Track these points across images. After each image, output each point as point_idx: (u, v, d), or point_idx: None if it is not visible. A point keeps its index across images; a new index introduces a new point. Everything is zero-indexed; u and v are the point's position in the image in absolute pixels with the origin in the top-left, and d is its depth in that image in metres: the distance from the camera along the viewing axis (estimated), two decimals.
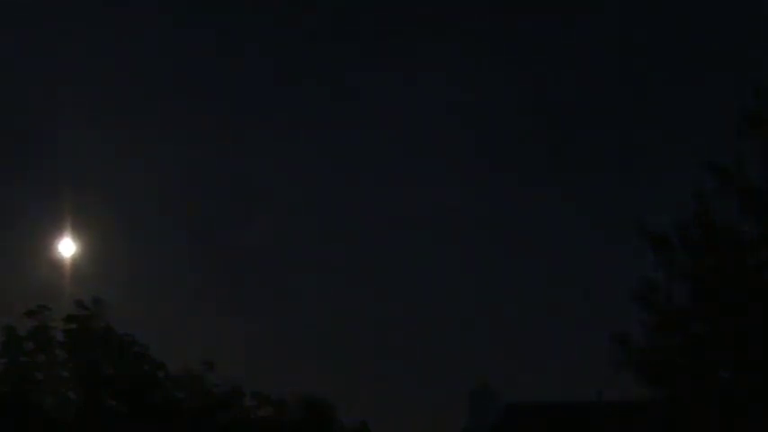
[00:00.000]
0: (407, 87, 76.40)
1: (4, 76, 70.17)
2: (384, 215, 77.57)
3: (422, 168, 79.62)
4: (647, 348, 27.21)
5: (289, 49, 78.59)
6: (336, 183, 78.99)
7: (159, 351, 47.03)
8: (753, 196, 26.00)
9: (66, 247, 44.02)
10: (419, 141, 79.15)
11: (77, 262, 44.76)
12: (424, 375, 63.49)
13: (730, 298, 25.95)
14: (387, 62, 74.79)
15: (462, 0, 76.26)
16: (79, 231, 45.39)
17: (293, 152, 78.79)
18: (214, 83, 79.67)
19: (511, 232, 77.01)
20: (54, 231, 46.28)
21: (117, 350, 45.48)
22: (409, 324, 70.24)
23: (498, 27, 77.91)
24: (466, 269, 74.28)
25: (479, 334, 69.54)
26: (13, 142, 69.59)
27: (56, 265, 44.90)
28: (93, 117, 68.86)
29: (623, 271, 52.09)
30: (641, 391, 28.08)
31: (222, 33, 76.74)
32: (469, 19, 76.11)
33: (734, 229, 26.41)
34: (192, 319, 63.73)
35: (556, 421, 46.93)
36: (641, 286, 27.31)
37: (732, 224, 26.46)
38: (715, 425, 26.16)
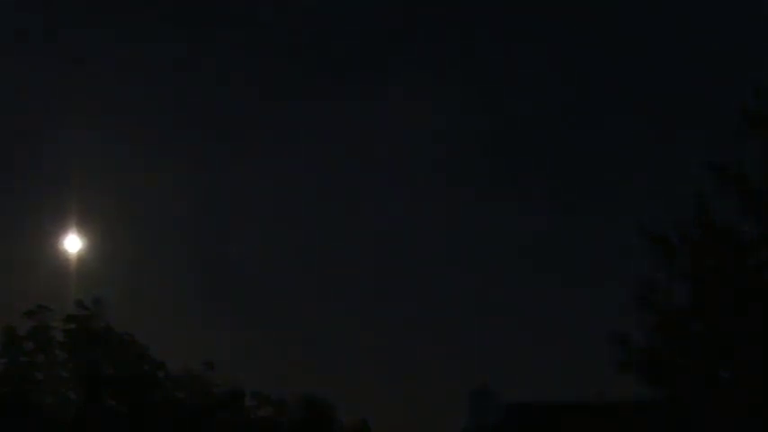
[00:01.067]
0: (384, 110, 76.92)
1: (8, 77, 70.30)
2: (384, 219, 77.65)
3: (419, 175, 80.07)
4: (647, 348, 27.18)
5: (278, 74, 79.29)
6: (335, 189, 79.11)
7: (159, 351, 47.13)
8: (753, 196, 25.97)
9: (72, 243, 44.16)
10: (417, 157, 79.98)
11: (83, 258, 44.88)
12: (424, 375, 63.53)
13: (730, 298, 25.92)
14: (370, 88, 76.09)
15: (434, 28, 77.29)
16: (84, 229, 45.60)
17: (291, 164, 79.27)
18: (213, 98, 79.98)
19: (511, 233, 77.03)
20: (59, 229, 46.41)
21: (117, 350, 45.50)
22: (410, 324, 70.27)
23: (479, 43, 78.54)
24: (466, 269, 74.33)
25: (479, 334, 69.59)
26: (17, 141, 69.77)
27: (62, 261, 45.01)
28: (94, 118, 68.89)
29: (623, 271, 52.07)
30: (641, 391, 28.08)
31: (221, 50, 77.43)
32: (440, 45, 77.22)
33: (734, 229, 26.37)
34: (193, 318, 63.79)
35: (556, 421, 46.89)
36: (641, 286, 27.28)
37: (732, 224, 26.42)
38: (715, 425, 26.14)
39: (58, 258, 45.16)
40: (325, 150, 79.25)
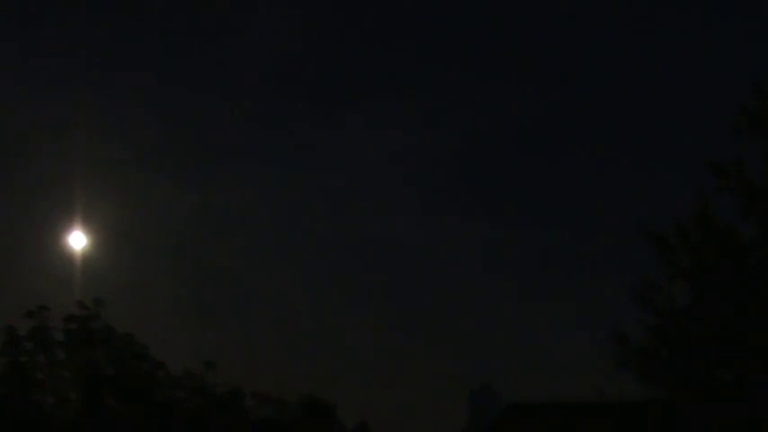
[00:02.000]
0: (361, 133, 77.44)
1: (9, 77, 70.43)
2: (385, 220, 77.86)
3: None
4: (647, 348, 27.16)
5: (278, 77, 79.96)
6: (336, 190, 79.58)
7: (159, 351, 47.18)
8: (753, 196, 25.95)
9: (77, 240, 44.28)
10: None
11: (86, 256, 45.00)
12: (424, 375, 63.61)
13: (730, 298, 25.90)
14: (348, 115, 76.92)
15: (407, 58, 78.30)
16: (87, 228, 45.76)
17: (291, 166, 79.80)
18: (214, 98, 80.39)
19: (511, 233, 77.10)
20: (61, 229, 46.57)
21: (117, 350, 45.53)
22: (409, 324, 70.38)
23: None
24: (466, 269, 74.42)
25: (479, 334, 69.70)
26: (17, 142, 69.90)
27: (65, 258, 45.13)
28: (94, 118, 68.96)
29: (623, 271, 52.14)
30: (641, 391, 28.05)
31: (222, 52, 77.86)
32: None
33: (734, 229, 26.36)
34: (193, 319, 63.88)
35: (556, 421, 46.87)
36: (641, 286, 27.25)
37: (732, 224, 26.40)
38: (715, 425, 26.12)
39: (62, 256, 45.28)
40: (325, 152, 79.49)
